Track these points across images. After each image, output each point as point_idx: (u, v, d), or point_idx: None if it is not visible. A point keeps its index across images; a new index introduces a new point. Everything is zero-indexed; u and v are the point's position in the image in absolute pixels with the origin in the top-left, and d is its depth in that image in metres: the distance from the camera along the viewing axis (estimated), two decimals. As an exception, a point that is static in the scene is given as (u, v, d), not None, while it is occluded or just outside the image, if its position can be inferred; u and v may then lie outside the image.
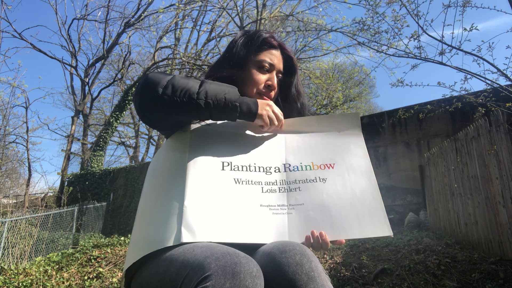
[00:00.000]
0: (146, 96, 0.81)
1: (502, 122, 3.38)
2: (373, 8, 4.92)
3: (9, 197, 12.46)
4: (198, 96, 0.81)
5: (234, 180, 0.86)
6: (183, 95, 0.80)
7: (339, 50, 11.43)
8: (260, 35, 1.09)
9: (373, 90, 19.64)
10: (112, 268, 4.99)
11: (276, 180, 0.88)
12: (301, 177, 0.89)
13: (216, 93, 0.83)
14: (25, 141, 12.67)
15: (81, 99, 13.92)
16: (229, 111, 0.84)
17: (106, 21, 12.63)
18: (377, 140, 7.34)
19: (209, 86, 0.83)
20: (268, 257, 0.73)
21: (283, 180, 0.88)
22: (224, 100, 0.83)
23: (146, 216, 0.89)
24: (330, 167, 0.90)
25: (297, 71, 1.12)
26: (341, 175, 0.91)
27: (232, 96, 0.84)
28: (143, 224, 0.88)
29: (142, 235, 0.86)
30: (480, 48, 3.88)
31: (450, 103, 4.27)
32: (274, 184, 0.88)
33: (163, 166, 0.94)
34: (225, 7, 10.38)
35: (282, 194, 0.86)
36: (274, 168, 0.90)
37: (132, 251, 0.85)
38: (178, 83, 0.81)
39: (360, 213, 0.87)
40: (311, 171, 0.89)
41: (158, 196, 0.89)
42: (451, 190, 4.69)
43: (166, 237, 0.78)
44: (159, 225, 0.83)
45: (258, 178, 0.88)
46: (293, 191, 0.86)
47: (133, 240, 0.89)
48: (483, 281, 3.07)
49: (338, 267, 3.79)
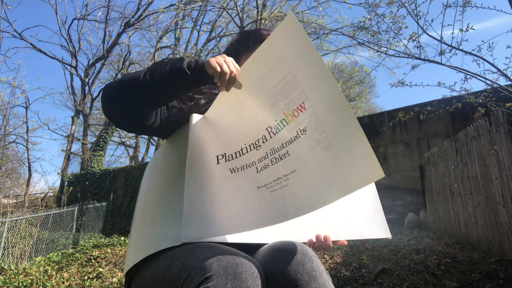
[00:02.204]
0: (105, 102, 0.84)
1: (502, 122, 3.38)
2: (373, 9, 4.92)
3: (9, 197, 12.46)
4: (144, 77, 0.81)
5: (230, 170, 0.84)
6: (132, 84, 0.81)
7: (339, 50, 11.44)
8: (254, 31, 1.11)
9: (373, 90, 19.65)
10: (112, 268, 4.98)
11: (266, 152, 0.83)
12: (284, 138, 0.81)
13: (159, 68, 0.82)
14: (25, 141, 12.68)
15: (81, 99, 13.92)
16: (179, 77, 0.81)
17: (106, 21, 12.63)
18: (377, 140, 7.34)
19: (153, 66, 0.84)
20: (270, 257, 0.73)
21: (272, 149, 0.83)
22: (167, 70, 0.81)
23: (146, 216, 0.89)
24: (302, 109, 0.78)
25: None
26: None
27: (177, 63, 0.81)
28: (144, 225, 0.88)
29: (143, 235, 0.86)
30: (480, 48, 3.88)
31: (450, 103, 4.27)
32: (266, 158, 0.83)
33: (162, 167, 0.94)
34: (225, 7, 10.38)
35: (274, 166, 0.82)
36: (261, 139, 0.85)
37: (133, 252, 0.85)
38: (125, 77, 0.83)
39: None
40: (287, 125, 0.80)
41: (159, 196, 0.89)
42: (451, 190, 4.69)
43: (167, 237, 0.78)
44: (160, 225, 0.83)
45: (251, 159, 0.84)
46: (284, 158, 0.81)
47: (133, 240, 0.89)
48: (483, 281, 3.08)
49: (338, 267, 3.79)
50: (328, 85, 0.73)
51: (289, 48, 0.75)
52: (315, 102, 0.75)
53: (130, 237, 0.92)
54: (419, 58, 4.36)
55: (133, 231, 0.91)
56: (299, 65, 0.75)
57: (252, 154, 0.84)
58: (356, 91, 14.92)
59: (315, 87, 0.75)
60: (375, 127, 7.36)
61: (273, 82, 0.79)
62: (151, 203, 0.90)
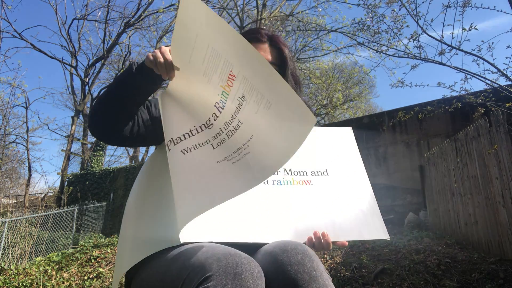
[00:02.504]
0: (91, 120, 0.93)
1: (502, 122, 3.38)
2: (373, 9, 4.92)
3: (9, 197, 12.45)
4: (108, 88, 0.91)
5: (182, 152, 0.83)
6: (102, 98, 0.91)
7: (339, 50, 11.42)
8: (251, 30, 1.11)
9: (373, 90, 19.62)
10: (112, 268, 4.98)
11: (220, 128, 0.84)
12: (231, 109, 0.82)
13: (117, 77, 0.91)
14: (25, 141, 12.68)
15: (81, 99, 13.92)
16: (129, 80, 0.88)
17: (106, 21, 12.63)
18: (377, 140, 7.34)
19: (116, 76, 0.95)
20: (270, 257, 0.73)
21: (225, 124, 0.83)
22: (120, 77, 0.90)
23: (145, 215, 0.89)
24: (233, 77, 0.80)
25: (287, 63, 1.07)
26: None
27: (127, 67, 0.90)
28: (141, 224, 0.88)
29: (141, 235, 0.86)
30: (480, 48, 3.88)
31: (450, 103, 4.27)
32: (221, 133, 0.84)
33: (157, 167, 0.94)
34: (225, 7, 10.37)
35: (232, 138, 0.82)
36: (212, 117, 0.85)
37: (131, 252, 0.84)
38: (99, 97, 0.93)
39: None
40: (228, 96, 0.81)
41: (158, 197, 0.89)
42: (451, 190, 4.69)
43: (166, 238, 0.78)
44: (158, 225, 0.83)
45: (204, 138, 0.84)
46: (238, 128, 0.81)
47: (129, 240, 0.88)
48: (483, 281, 3.08)
49: (338, 267, 3.79)
50: (243, 47, 0.74)
51: (197, 23, 0.77)
52: (240, 67, 0.77)
53: (123, 236, 0.91)
54: (419, 58, 4.36)
55: (129, 231, 0.90)
56: (212, 36, 0.77)
57: (204, 134, 0.84)
58: (356, 91, 14.89)
59: (234, 53, 0.76)
60: (375, 127, 7.35)
61: (200, 59, 0.80)
62: (149, 203, 0.90)
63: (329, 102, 12.71)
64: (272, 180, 0.93)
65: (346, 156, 1.04)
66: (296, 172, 0.96)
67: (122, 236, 0.92)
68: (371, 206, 0.94)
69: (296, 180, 0.95)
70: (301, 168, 0.97)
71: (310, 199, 0.92)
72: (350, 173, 1.00)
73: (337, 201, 0.93)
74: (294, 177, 0.95)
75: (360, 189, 0.97)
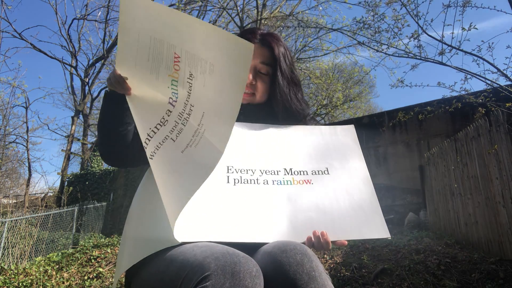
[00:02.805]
0: (100, 153, 1.00)
1: (502, 122, 3.38)
2: (373, 9, 4.92)
3: (9, 197, 12.46)
4: (98, 122, 0.98)
5: (149, 157, 0.84)
6: (98, 130, 0.98)
7: (339, 50, 11.42)
8: (247, 29, 1.11)
9: (373, 90, 19.61)
10: (112, 268, 4.98)
11: (175, 121, 0.85)
12: (183, 96, 0.84)
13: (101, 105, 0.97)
14: (25, 141, 12.69)
15: (81, 99, 13.93)
16: (105, 106, 0.92)
17: (106, 21, 12.64)
18: (377, 140, 7.34)
19: None
20: (269, 257, 0.73)
21: (179, 114, 0.85)
22: (101, 104, 0.95)
23: (145, 216, 0.89)
24: (177, 59, 0.82)
25: (278, 62, 1.04)
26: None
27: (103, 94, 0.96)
28: (142, 224, 0.88)
29: (141, 235, 0.86)
30: (480, 48, 3.88)
31: (450, 103, 4.27)
32: (177, 125, 0.85)
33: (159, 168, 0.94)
34: (225, 7, 10.37)
35: (187, 125, 0.83)
36: (166, 114, 0.86)
37: (132, 251, 0.85)
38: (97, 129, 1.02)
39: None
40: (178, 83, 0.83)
41: (158, 198, 0.89)
42: (451, 190, 4.69)
43: (165, 238, 0.78)
44: (158, 225, 0.83)
45: (162, 135, 0.86)
46: (191, 113, 0.83)
47: (129, 240, 0.89)
48: (483, 281, 3.07)
49: (338, 267, 3.79)
50: (178, 19, 0.75)
51: (138, 21, 0.77)
52: (180, 43, 0.77)
53: (125, 236, 0.92)
54: (419, 58, 4.36)
55: (130, 229, 0.91)
56: (152, 26, 0.77)
57: (161, 132, 0.85)
58: (356, 91, 14.88)
59: (172, 31, 0.77)
60: (375, 127, 7.35)
61: (145, 58, 0.80)
62: (149, 203, 0.90)
63: (329, 102, 12.71)
64: (272, 180, 0.93)
65: (347, 154, 1.03)
66: (297, 172, 0.96)
67: (124, 237, 0.93)
68: (372, 204, 0.93)
69: (297, 180, 0.94)
70: (301, 168, 0.97)
71: (310, 198, 0.91)
72: (352, 171, 0.99)
73: (338, 200, 0.92)
74: (294, 176, 0.95)
75: (362, 187, 0.96)
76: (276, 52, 1.04)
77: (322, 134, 1.06)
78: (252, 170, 0.92)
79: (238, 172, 0.90)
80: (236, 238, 0.80)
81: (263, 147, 0.98)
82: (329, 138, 1.05)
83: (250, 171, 0.92)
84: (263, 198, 0.88)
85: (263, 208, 0.87)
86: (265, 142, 0.99)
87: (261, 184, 0.90)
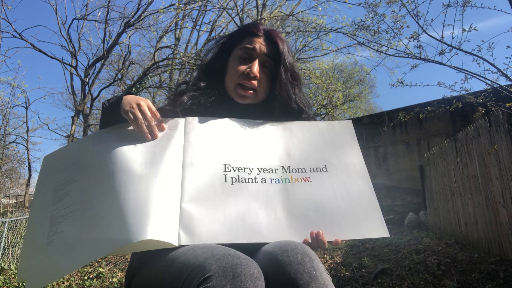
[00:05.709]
0: None
1: (502, 122, 3.38)
2: (373, 9, 4.91)
3: (9, 197, 12.46)
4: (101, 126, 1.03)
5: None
6: None
7: (339, 50, 11.41)
8: (243, 26, 1.10)
9: (373, 90, 19.61)
10: (112, 268, 4.98)
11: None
12: None
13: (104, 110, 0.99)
14: (25, 141, 12.69)
15: (81, 99, 13.92)
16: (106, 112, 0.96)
17: (106, 21, 12.62)
18: (377, 140, 7.34)
19: None
20: (270, 256, 0.73)
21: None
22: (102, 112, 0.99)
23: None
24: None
25: (282, 58, 1.03)
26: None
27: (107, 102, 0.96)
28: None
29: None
30: (480, 48, 3.88)
31: (450, 103, 4.27)
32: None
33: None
34: (225, 7, 10.36)
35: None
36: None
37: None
38: None
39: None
40: None
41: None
42: (451, 190, 4.69)
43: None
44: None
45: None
46: None
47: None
48: (483, 281, 3.07)
49: (338, 267, 3.79)
50: None
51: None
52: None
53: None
54: (420, 58, 4.36)
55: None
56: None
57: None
58: (356, 91, 14.88)
59: None
60: (375, 127, 7.36)
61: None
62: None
63: (329, 102, 12.71)
64: (270, 178, 0.92)
65: (345, 150, 1.01)
66: (295, 170, 0.95)
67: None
68: (371, 202, 0.92)
69: (295, 178, 0.93)
70: (299, 165, 0.96)
71: (309, 197, 0.90)
72: (350, 168, 0.98)
73: (336, 198, 0.91)
74: (293, 174, 0.94)
75: (360, 185, 0.95)
76: (280, 47, 1.04)
77: (320, 130, 1.04)
78: (249, 169, 0.91)
79: (236, 170, 0.89)
80: (236, 239, 0.79)
81: (260, 144, 0.97)
82: (326, 134, 1.03)
83: (247, 169, 0.90)
84: (262, 198, 0.88)
85: (262, 208, 0.87)
86: (261, 139, 0.98)
87: (259, 183, 0.89)
